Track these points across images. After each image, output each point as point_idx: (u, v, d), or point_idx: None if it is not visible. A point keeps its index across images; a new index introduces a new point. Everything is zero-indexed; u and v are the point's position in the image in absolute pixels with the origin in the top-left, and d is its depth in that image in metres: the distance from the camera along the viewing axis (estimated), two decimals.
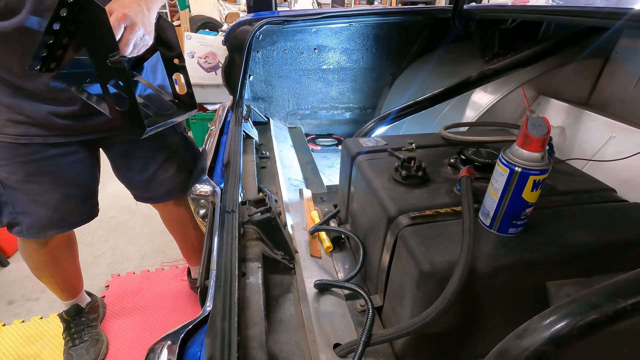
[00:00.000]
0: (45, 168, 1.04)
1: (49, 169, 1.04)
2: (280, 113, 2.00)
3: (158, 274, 1.86)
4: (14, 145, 0.98)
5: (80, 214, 1.17)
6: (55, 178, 1.06)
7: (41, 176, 1.04)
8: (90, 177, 1.17)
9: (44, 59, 0.75)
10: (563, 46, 1.16)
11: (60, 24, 0.72)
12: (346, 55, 1.90)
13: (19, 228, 1.09)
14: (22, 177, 1.02)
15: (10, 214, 1.07)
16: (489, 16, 1.38)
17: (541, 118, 0.55)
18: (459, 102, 1.44)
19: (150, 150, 1.21)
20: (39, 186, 1.05)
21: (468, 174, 0.72)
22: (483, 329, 0.65)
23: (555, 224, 0.65)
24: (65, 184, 1.09)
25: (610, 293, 0.40)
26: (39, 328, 1.56)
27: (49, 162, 1.04)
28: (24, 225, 1.09)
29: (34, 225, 1.10)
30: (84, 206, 1.17)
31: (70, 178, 1.10)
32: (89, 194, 1.18)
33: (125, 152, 1.19)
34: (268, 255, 0.84)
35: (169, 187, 1.29)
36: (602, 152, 1.05)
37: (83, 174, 1.13)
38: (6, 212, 1.07)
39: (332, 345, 0.69)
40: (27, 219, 1.08)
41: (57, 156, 1.05)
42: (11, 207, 1.06)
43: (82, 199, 1.16)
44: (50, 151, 1.03)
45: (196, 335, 0.57)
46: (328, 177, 1.82)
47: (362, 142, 0.95)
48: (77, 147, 1.08)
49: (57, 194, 1.08)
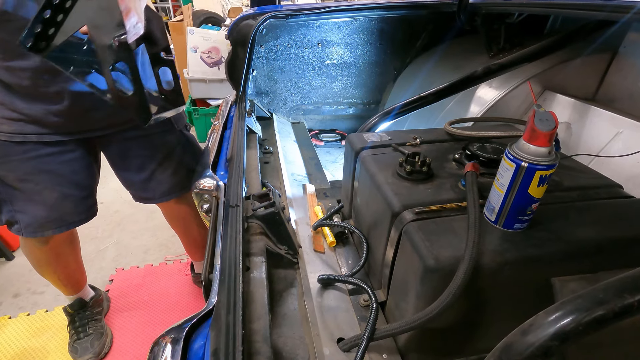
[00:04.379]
0: (41, 166, 1.03)
1: (45, 168, 1.04)
2: (284, 108, 1.99)
3: (161, 268, 1.88)
4: (10, 144, 0.97)
5: (78, 214, 1.16)
6: (52, 177, 1.05)
7: (38, 175, 1.03)
8: (87, 176, 1.15)
9: (37, 36, 0.69)
10: (570, 41, 1.15)
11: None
12: (350, 50, 1.89)
13: (17, 226, 1.09)
14: (19, 176, 1.02)
15: (9, 212, 1.07)
16: (495, 10, 1.36)
17: (548, 112, 0.55)
18: (464, 97, 1.43)
19: (147, 149, 1.19)
20: (35, 185, 1.04)
21: (473, 169, 0.71)
22: (487, 324, 0.65)
23: (561, 220, 0.65)
24: (63, 183, 1.08)
25: (617, 289, 0.39)
26: (44, 321, 1.58)
27: (45, 160, 1.03)
28: (22, 224, 1.09)
29: (32, 224, 1.09)
30: (82, 206, 1.16)
31: (67, 177, 1.08)
32: (87, 194, 1.17)
33: (122, 151, 1.18)
34: (272, 249, 0.84)
35: (167, 187, 1.28)
36: (608, 148, 1.04)
37: (80, 173, 1.12)
38: (5, 210, 1.07)
39: (336, 340, 0.69)
40: (25, 218, 1.08)
41: (53, 154, 1.04)
42: (10, 205, 1.06)
43: (80, 199, 1.15)
44: (46, 149, 1.02)
45: (201, 328, 0.57)
46: (331, 172, 1.82)
47: (365, 137, 0.95)
48: (73, 145, 1.07)
49: (54, 192, 1.07)
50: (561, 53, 1.20)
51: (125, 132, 1.14)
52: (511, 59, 1.18)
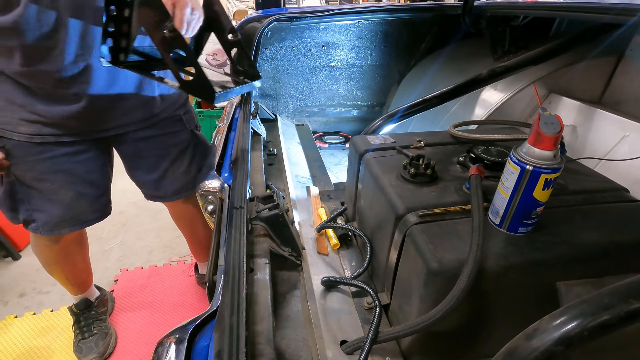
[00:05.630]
0: (57, 166, 1.05)
1: (61, 167, 1.05)
2: (288, 110, 2.00)
3: (166, 269, 1.88)
4: (28, 144, 0.99)
5: (93, 212, 1.18)
6: (67, 176, 1.07)
7: (54, 174, 1.05)
8: (102, 175, 1.17)
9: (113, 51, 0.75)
10: (575, 43, 1.14)
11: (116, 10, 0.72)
12: (354, 53, 1.89)
13: (34, 225, 1.11)
14: (36, 175, 1.04)
15: (26, 211, 1.09)
16: (500, 13, 1.36)
17: (554, 116, 0.55)
18: (469, 100, 1.43)
19: (160, 148, 1.21)
20: (52, 184, 1.06)
21: (477, 172, 0.71)
22: (491, 328, 0.65)
23: (566, 224, 0.65)
24: (78, 182, 1.10)
25: (623, 294, 0.39)
26: (49, 321, 1.59)
27: (61, 160, 1.05)
28: (40, 222, 1.10)
29: (48, 223, 1.11)
30: (96, 204, 1.18)
31: (82, 176, 1.10)
32: (102, 192, 1.19)
33: (135, 150, 1.20)
34: (275, 251, 0.84)
35: (180, 185, 1.30)
36: (614, 152, 1.03)
37: (95, 172, 1.14)
38: (22, 209, 1.09)
39: (339, 342, 0.69)
40: (42, 216, 1.10)
41: (69, 154, 1.05)
42: (27, 205, 1.08)
43: (95, 197, 1.17)
44: (61, 150, 1.04)
45: (204, 329, 0.57)
46: (335, 174, 1.82)
47: (370, 139, 0.95)
48: (88, 145, 1.09)
49: (70, 192, 1.09)
50: (567, 56, 1.19)
51: (139, 132, 1.15)
52: (516, 62, 1.17)
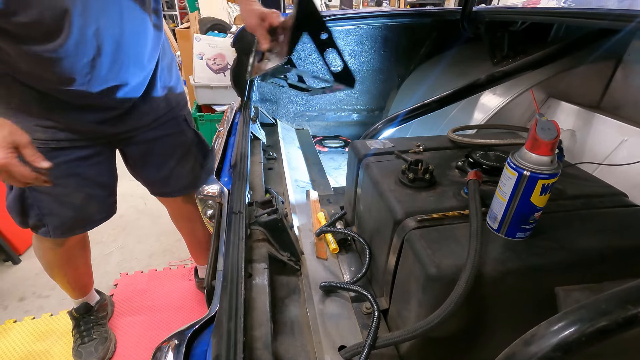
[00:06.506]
0: (70, 170, 1.05)
1: (74, 171, 1.06)
2: (288, 114, 2.00)
3: (165, 273, 1.88)
4: (43, 150, 0.98)
5: (100, 212, 1.20)
6: (79, 180, 1.08)
7: (67, 178, 1.06)
8: (111, 176, 1.19)
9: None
10: (574, 48, 1.15)
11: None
12: (354, 57, 1.90)
13: (45, 229, 1.11)
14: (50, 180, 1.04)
15: (36, 216, 1.09)
16: (499, 18, 1.37)
17: (550, 121, 0.55)
18: (467, 104, 1.43)
19: (167, 148, 1.24)
20: (64, 188, 1.06)
21: (476, 177, 0.71)
22: (489, 333, 0.65)
23: (564, 229, 0.65)
24: (89, 185, 1.11)
25: (621, 299, 0.39)
26: (49, 325, 1.59)
27: (74, 164, 1.05)
28: (51, 226, 1.11)
29: (60, 227, 1.12)
30: (104, 205, 1.20)
31: (93, 179, 1.12)
32: (109, 192, 1.21)
33: (144, 151, 1.21)
34: (274, 256, 0.84)
35: (186, 182, 1.32)
36: (613, 156, 1.04)
37: (105, 174, 1.16)
38: (32, 214, 1.09)
39: (338, 348, 0.69)
40: (54, 220, 1.10)
41: (82, 158, 1.06)
42: (37, 209, 1.08)
43: (104, 198, 1.18)
44: (75, 154, 1.04)
45: (203, 334, 0.57)
46: (335, 178, 1.82)
47: (369, 144, 0.95)
48: (100, 148, 1.10)
49: (81, 194, 1.11)
50: (565, 61, 1.20)
51: (147, 133, 1.17)
52: (515, 67, 1.18)
